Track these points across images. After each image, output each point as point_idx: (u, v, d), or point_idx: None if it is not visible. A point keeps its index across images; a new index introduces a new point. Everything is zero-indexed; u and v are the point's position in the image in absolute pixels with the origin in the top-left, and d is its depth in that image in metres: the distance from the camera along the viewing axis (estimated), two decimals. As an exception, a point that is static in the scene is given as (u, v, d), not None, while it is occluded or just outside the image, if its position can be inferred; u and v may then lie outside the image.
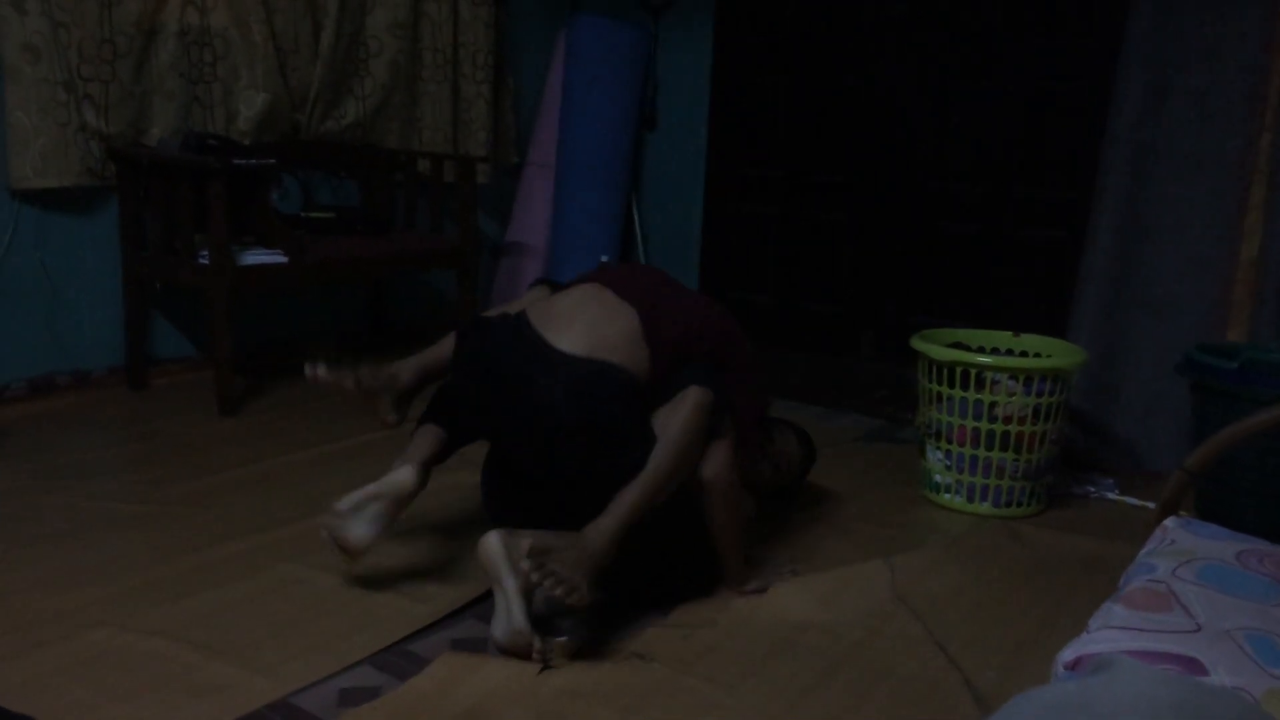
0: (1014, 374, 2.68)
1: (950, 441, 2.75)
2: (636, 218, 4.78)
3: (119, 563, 2.20)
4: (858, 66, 4.28)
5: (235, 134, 3.56)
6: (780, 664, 1.92)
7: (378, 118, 4.04)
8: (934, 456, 2.81)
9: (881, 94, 4.24)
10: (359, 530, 2.05)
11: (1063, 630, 2.03)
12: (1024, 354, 2.95)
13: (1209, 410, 2.57)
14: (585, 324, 2.07)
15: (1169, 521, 1.60)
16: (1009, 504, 2.75)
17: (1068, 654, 1.24)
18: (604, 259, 4.43)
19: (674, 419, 1.98)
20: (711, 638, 2.01)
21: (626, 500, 1.92)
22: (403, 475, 2.09)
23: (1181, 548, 1.49)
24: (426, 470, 2.15)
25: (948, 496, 2.80)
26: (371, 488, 2.06)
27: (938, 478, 2.81)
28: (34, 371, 3.24)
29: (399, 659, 1.87)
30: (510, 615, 1.85)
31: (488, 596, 2.09)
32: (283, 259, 3.27)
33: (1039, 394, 2.67)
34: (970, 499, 2.76)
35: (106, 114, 3.23)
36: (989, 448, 2.70)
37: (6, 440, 2.89)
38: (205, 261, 3.11)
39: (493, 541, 1.86)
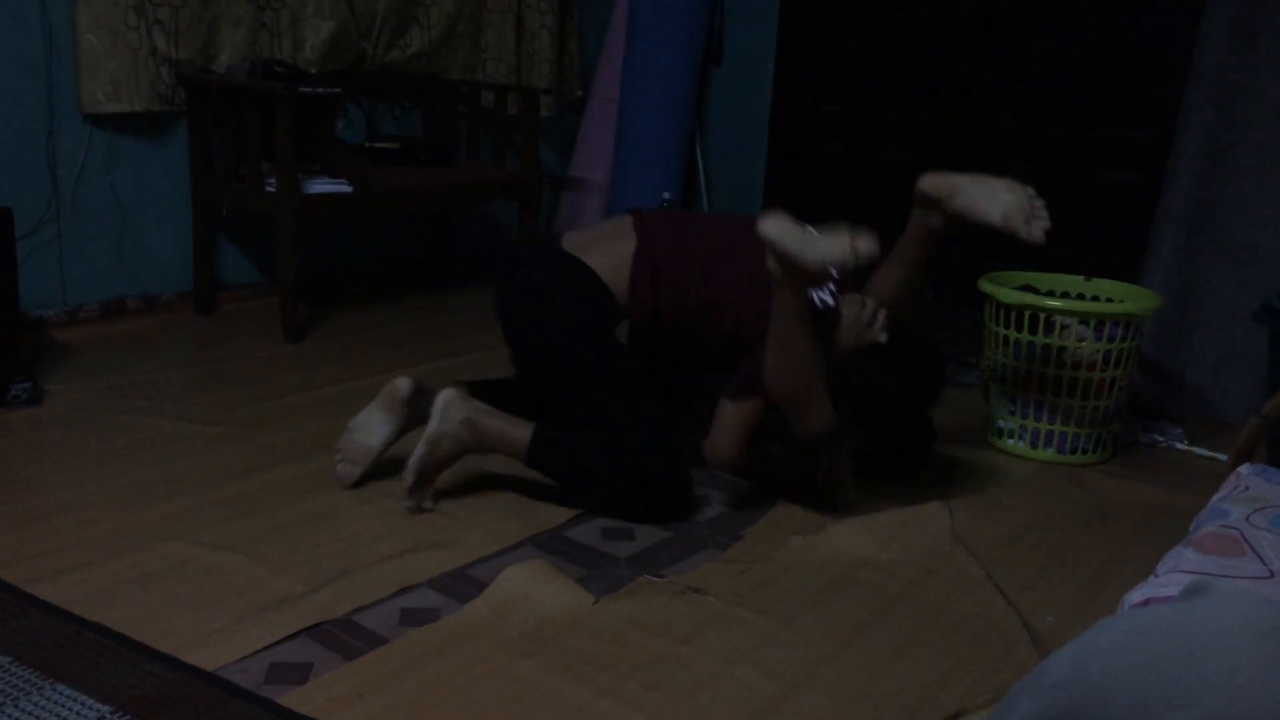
0: (1084, 318, 2.62)
1: (1016, 386, 2.71)
2: (700, 154, 4.73)
3: (187, 480, 2.26)
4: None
5: (302, 62, 3.56)
6: (835, 600, 1.92)
7: (442, 48, 4.02)
8: (998, 401, 2.77)
9: (954, 28, 4.12)
10: (369, 439, 2.27)
11: (1125, 577, 2.00)
12: (1095, 298, 2.88)
13: (1287, 360, 2.50)
14: (588, 235, 2.31)
15: (1243, 468, 1.57)
16: (1074, 451, 2.70)
17: (1136, 595, 1.22)
18: (666, 196, 4.39)
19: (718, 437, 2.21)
20: (767, 573, 2.01)
21: None
22: (397, 380, 2.29)
23: (1255, 494, 1.46)
24: (419, 383, 2.31)
25: (1011, 442, 2.76)
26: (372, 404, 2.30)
27: (1001, 423, 2.77)
28: (105, 294, 3.30)
29: (458, 582, 1.90)
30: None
31: (549, 528, 2.13)
32: (347, 188, 3.28)
33: (1110, 339, 2.61)
34: (1034, 445, 2.72)
35: (176, 39, 3.25)
36: (1056, 393, 2.65)
37: (79, 360, 2.96)
38: (272, 189, 3.14)
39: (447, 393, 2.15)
